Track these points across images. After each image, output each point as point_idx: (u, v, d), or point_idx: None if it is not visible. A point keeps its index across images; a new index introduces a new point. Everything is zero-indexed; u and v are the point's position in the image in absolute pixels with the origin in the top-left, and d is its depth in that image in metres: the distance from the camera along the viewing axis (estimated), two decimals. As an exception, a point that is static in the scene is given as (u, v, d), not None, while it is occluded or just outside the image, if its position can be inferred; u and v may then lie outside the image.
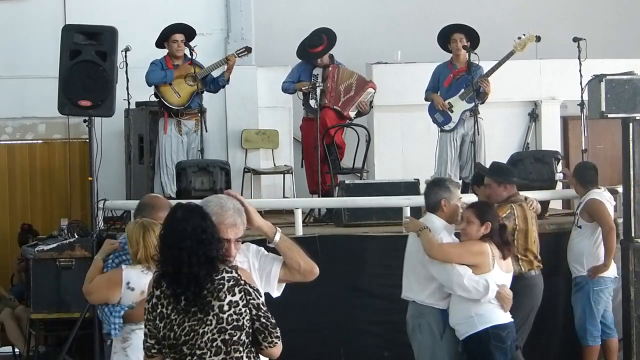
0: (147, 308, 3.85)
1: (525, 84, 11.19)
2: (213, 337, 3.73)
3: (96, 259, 5.38)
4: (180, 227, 3.76)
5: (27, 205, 10.84)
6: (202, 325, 3.72)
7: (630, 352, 7.45)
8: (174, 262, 3.75)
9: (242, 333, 3.76)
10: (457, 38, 9.11)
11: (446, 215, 6.04)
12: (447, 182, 6.21)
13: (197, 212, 3.82)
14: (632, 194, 7.45)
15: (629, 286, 7.46)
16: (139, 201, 5.72)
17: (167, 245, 3.80)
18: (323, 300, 7.72)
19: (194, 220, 3.77)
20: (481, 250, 5.85)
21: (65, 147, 10.88)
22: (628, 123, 7.42)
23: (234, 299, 3.74)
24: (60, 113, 8.34)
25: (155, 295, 3.82)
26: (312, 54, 9.64)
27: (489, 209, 5.99)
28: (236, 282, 3.77)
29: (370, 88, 9.70)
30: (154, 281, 3.85)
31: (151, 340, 3.85)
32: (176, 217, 3.81)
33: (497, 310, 5.84)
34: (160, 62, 9.30)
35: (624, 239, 7.56)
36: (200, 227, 3.75)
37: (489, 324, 5.82)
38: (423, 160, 9.52)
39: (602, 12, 12.94)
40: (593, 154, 9.78)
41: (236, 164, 10.33)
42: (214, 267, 3.75)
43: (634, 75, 7.45)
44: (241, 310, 3.75)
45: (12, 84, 10.62)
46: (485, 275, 5.79)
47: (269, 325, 3.82)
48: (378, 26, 12.42)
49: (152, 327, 3.82)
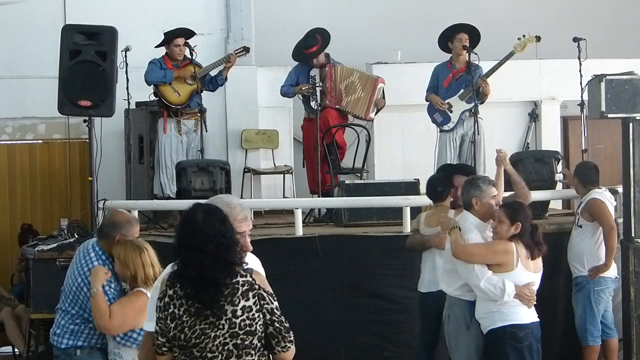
0: (159, 306, 3.84)
1: (525, 84, 11.20)
2: (225, 341, 3.73)
3: (97, 291, 5.13)
4: (202, 230, 3.76)
5: (27, 205, 10.84)
6: (214, 329, 3.72)
7: (630, 352, 7.45)
8: (198, 265, 3.73)
9: (255, 337, 3.76)
10: (462, 38, 9.11)
11: (479, 213, 6.09)
12: (479, 181, 6.25)
13: (217, 215, 3.82)
14: (632, 194, 7.45)
15: (629, 286, 7.46)
16: (109, 219, 5.55)
17: (189, 248, 3.78)
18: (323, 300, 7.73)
19: (215, 223, 3.77)
20: (505, 249, 5.87)
21: (65, 147, 10.88)
22: (628, 123, 7.42)
23: (247, 303, 3.74)
24: (60, 113, 8.35)
25: (168, 294, 3.81)
26: (308, 54, 9.64)
27: (521, 208, 5.98)
28: (250, 286, 3.76)
29: (380, 84, 9.71)
30: (168, 280, 3.83)
31: (162, 339, 3.84)
32: (197, 219, 3.79)
33: (518, 309, 5.84)
34: (159, 62, 9.30)
35: (624, 239, 7.56)
36: (221, 232, 3.76)
37: (507, 322, 5.83)
38: (423, 160, 9.52)
39: (602, 12, 12.94)
40: (593, 154, 9.79)
41: (236, 164, 10.34)
42: (232, 272, 3.75)
43: (634, 75, 7.45)
44: (254, 316, 3.75)
45: (12, 84, 10.63)
46: (506, 275, 5.81)
47: (282, 329, 3.81)
48: (378, 26, 12.43)
49: (163, 325, 3.82)
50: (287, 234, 8.06)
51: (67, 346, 5.33)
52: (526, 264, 5.85)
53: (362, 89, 9.66)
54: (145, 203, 8.97)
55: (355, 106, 9.64)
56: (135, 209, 8.51)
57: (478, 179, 6.33)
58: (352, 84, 9.66)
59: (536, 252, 5.89)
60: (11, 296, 9.55)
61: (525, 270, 5.84)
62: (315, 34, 9.68)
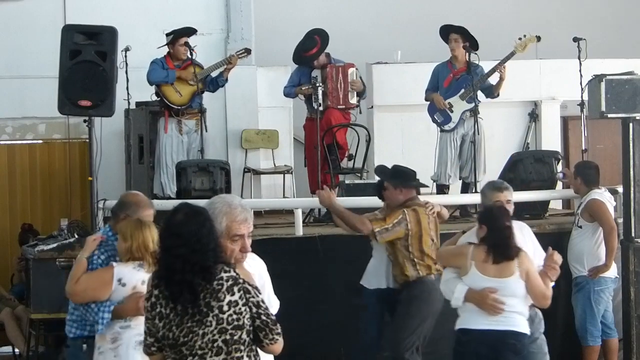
0: (146, 306, 3.83)
1: (525, 84, 11.18)
2: (214, 337, 3.71)
3: (80, 257, 5.27)
4: (176, 231, 3.72)
5: (27, 205, 10.84)
6: (202, 327, 3.70)
7: (630, 352, 7.46)
8: (167, 267, 3.72)
9: (243, 332, 3.74)
10: (452, 38, 9.14)
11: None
12: (485, 187, 6.32)
13: (197, 218, 3.75)
14: (632, 194, 7.45)
15: (629, 286, 7.47)
16: (120, 198, 5.58)
17: (162, 249, 3.77)
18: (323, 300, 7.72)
19: (191, 226, 3.71)
20: (459, 252, 5.84)
21: (65, 147, 10.88)
22: (628, 123, 7.43)
23: (233, 298, 3.72)
24: (60, 113, 8.35)
25: (154, 294, 3.79)
26: (308, 57, 9.63)
27: (490, 211, 5.91)
28: (235, 281, 3.74)
29: (351, 68, 9.67)
30: (153, 280, 3.82)
31: (150, 339, 3.83)
32: (175, 220, 3.76)
33: (469, 315, 5.71)
34: (161, 61, 9.29)
35: (624, 239, 7.57)
36: (196, 236, 3.69)
37: (458, 325, 5.79)
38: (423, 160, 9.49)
39: (602, 12, 12.94)
40: (593, 154, 9.79)
41: (236, 164, 10.34)
42: (210, 274, 3.70)
43: (634, 75, 7.45)
44: (241, 310, 3.73)
45: (12, 84, 10.62)
46: (464, 278, 5.72)
47: (269, 322, 3.80)
48: (378, 26, 12.43)
49: (151, 325, 3.80)
50: (287, 234, 8.06)
51: (74, 336, 5.33)
52: (483, 268, 5.64)
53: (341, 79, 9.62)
54: (145, 203, 8.96)
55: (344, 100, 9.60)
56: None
57: (486, 185, 6.35)
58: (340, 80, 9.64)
59: (498, 256, 5.63)
60: (11, 296, 9.54)
61: (481, 274, 5.65)
62: (313, 35, 9.67)
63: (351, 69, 9.66)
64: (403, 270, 6.73)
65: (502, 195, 6.11)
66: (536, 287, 5.69)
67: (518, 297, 5.67)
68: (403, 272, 6.73)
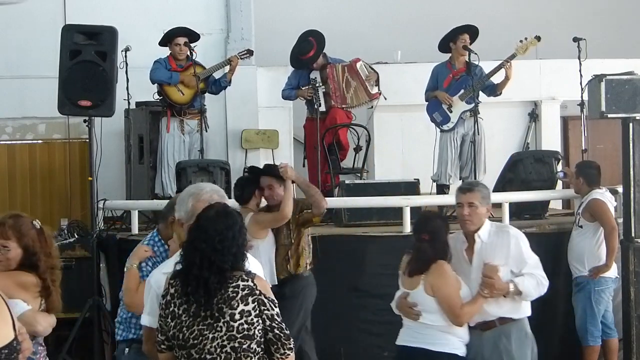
0: (161, 304, 3.84)
1: (525, 84, 11.18)
2: (222, 343, 3.71)
3: (131, 267, 5.13)
4: (204, 226, 3.76)
5: (27, 205, 10.81)
6: (212, 331, 3.71)
7: (630, 352, 7.45)
8: (186, 260, 3.74)
9: (253, 342, 3.74)
10: (464, 38, 9.11)
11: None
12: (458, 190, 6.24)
13: (226, 219, 3.78)
14: (632, 194, 7.44)
15: (629, 286, 7.46)
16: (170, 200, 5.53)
17: (187, 240, 3.80)
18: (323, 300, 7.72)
19: (218, 225, 3.74)
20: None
21: (65, 147, 10.88)
22: (628, 123, 7.41)
23: (246, 308, 3.72)
24: (60, 113, 8.35)
25: (169, 292, 3.81)
26: (306, 60, 9.63)
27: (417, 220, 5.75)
28: (251, 291, 3.74)
29: (358, 63, 9.70)
30: (171, 278, 3.83)
31: (162, 336, 3.84)
32: (205, 215, 3.80)
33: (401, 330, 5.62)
34: (164, 61, 9.30)
35: (624, 239, 7.56)
36: (220, 235, 3.73)
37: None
38: (423, 160, 9.51)
39: (602, 12, 12.95)
40: (593, 154, 9.78)
41: (236, 164, 10.33)
42: (224, 278, 3.71)
43: (634, 75, 7.44)
44: (253, 320, 3.73)
45: (12, 84, 10.62)
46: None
47: (282, 336, 3.80)
48: (378, 26, 12.43)
49: (164, 324, 3.82)
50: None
51: (120, 338, 5.30)
52: (402, 279, 5.55)
53: (352, 78, 9.65)
54: (145, 203, 8.98)
55: (357, 97, 9.63)
56: (135, 209, 8.54)
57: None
58: (346, 79, 9.66)
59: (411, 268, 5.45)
60: (11, 296, 9.53)
61: (401, 285, 5.58)
62: (308, 36, 9.67)
63: (359, 63, 9.69)
64: (299, 260, 6.90)
65: (464, 197, 5.55)
66: (443, 303, 5.34)
67: (433, 313, 5.37)
68: (298, 262, 6.90)
